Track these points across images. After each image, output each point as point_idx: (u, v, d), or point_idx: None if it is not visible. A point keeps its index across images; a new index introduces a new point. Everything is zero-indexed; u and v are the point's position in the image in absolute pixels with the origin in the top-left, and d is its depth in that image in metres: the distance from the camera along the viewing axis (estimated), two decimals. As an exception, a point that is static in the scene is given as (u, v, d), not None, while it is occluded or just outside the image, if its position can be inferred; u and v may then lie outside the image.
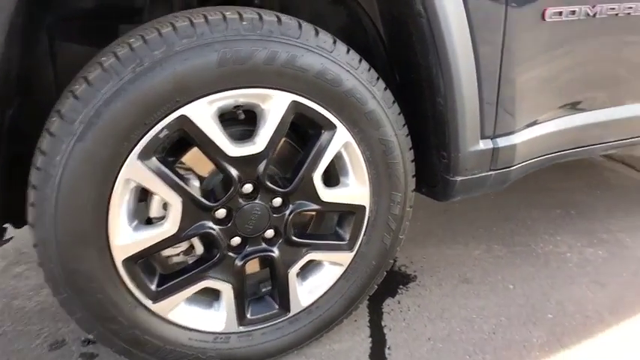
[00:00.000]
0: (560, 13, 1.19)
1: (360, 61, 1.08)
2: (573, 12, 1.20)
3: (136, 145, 0.93)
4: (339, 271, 1.24)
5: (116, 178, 0.94)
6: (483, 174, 1.32)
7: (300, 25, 1.00)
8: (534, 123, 1.35)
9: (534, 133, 1.36)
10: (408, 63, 1.23)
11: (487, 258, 1.75)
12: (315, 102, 1.05)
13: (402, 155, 1.18)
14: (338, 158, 1.14)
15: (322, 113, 1.06)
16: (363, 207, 1.19)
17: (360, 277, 1.27)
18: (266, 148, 1.03)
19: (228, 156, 1.00)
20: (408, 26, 1.14)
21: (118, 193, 0.95)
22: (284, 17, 0.99)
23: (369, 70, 1.10)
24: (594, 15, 1.23)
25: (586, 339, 1.37)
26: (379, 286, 1.34)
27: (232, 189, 1.04)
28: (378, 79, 1.12)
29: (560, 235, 1.90)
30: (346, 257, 1.23)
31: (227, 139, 1.00)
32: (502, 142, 1.29)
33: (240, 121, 1.10)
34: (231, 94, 0.98)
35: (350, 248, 1.22)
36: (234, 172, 1.03)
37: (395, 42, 1.26)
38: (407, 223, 1.29)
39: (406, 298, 1.53)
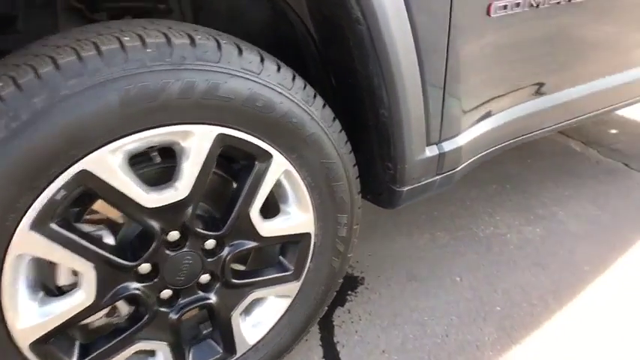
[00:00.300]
0: (505, 7, 1.09)
1: (294, 78, 0.93)
2: (518, 4, 1.11)
3: (24, 215, 0.74)
4: (286, 302, 1.14)
5: (4, 257, 0.75)
6: (429, 180, 1.25)
7: (219, 45, 0.83)
8: (479, 120, 1.28)
9: (479, 131, 1.30)
10: (344, 68, 1.10)
11: (432, 248, 1.72)
12: (246, 132, 0.90)
13: (347, 175, 1.07)
14: (277, 186, 1.01)
15: (255, 143, 0.92)
16: (308, 234, 1.08)
17: (309, 304, 1.17)
18: (191, 192, 0.87)
19: (145, 208, 0.84)
20: (343, 30, 1.00)
21: (9, 273, 0.77)
22: (198, 37, 0.81)
23: (305, 87, 0.96)
24: (537, 5, 1.15)
25: (534, 330, 1.39)
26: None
27: (155, 242, 0.89)
28: (315, 96, 0.98)
29: (499, 214, 1.91)
30: (293, 287, 1.13)
31: (142, 188, 0.83)
32: (448, 145, 1.22)
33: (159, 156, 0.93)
34: (142, 136, 0.80)
35: (296, 278, 1.12)
36: (155, 224, 0.87)
37: (328, 44, 1.11)
38: (355, 241, 1.20)
39: (356, 305, 1.47)
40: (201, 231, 0.94)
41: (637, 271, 1.61)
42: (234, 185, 0.99)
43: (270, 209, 1.06)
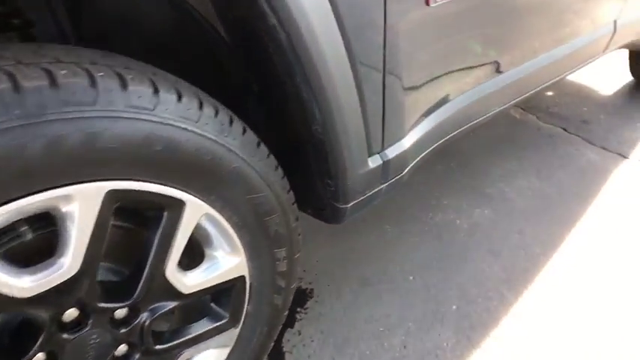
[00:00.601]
0: (445, -7, 0.95)
1: (202, 106, 0.75)
2: (458, -13, 0.97)
3: None
4: (225, 352, 0.99)
5: None
6: (375, 190, 1.12)
7: (93, 82, 0.63)
8: (425, 116, 1.16)
9: (426, 128, 1.17)
10: (267, 76, 0.92)
11: (382, 245, 1.62)
12: (146, 181, 0.71)
13: (280, 205, 0.91)
14: (197, 229, 0.84)
15: (160, 192, 0.74)
16: (242, 277, 0.93)
17: (253, 347, 1.04)
18: (83, 266, 0.69)
19: (19, 299, 0.65)
20: (260, 35, 0.82)
21: None
22: (62, 73, 0.61)
23: (217, 114, 0.77)
24: (480, -14, 1.01)
25: (492, 329, 1.33)
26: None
27: (46, 330, 0.70)
28: (232, 122, 0.80)
29: (447, 197, 1.84)
30: (231, 335, 0.98)
31: (9, 274, 0.63)
32: (392, 152, 1.08)
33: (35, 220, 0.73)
34: (2, 212, 0.60)
35: (234, 325, 0.97)
36: (40, 312, 0.68)
37: (245, 50, 0.93)
38: (298, 269, 1.06)
39: (307, 324, 1.35)
40: (106, 305, 0.76)
41: (585, 249, 1.59)
42: (146, 234, 0.82)
43: (194, 253, 0.89)
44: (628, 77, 2.87)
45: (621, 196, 1.84)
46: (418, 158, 1.23)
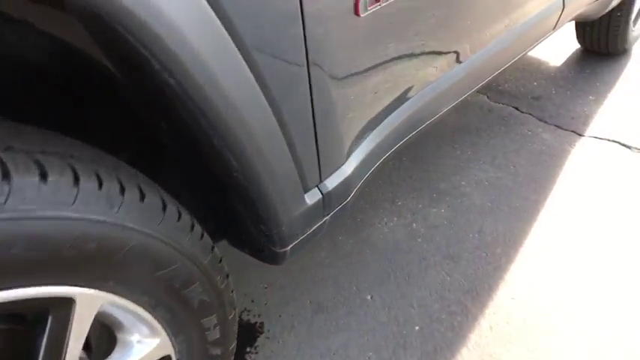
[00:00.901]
0: (377, 0, 0.80)
1: (78, 181, 0.59)
2: (391, -8, 0.82)
3: None
4: None
5: None
6: (317, 225, 0.99)
7: None
8: (363, 138, 1.02)
9: (370, 145, 1.05)
10: (171, 118, 0.76)
11: (335, 261, 1.50)
12: (10, 288, 0.56)
13: (202, 270, 0.77)
14: (102, 316, 0.69)
15: (34, 296, 0.58)
16: (167, 356, 0.79)
17: (192, 423, 0.91)
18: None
19: None
20: (151, 77, 0.65)
21: None
22: None
23: (101, 186, 0.61)
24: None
25: (459, 349, 1.25)
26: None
27: None
28: (123, 191, 0.64)
29: (401, 197, 1.73)
30: (163, 418, 0.85)
31: None
32: (332, 182, 0.95)
33: None
34: None
35: (165, 406, 0.84)
36: None
37: (140, 89, 0.76)
38: (235, 329, 0.93)
39: (258, 365, 1.23)
40: None
41: (546, 243, 1.53)
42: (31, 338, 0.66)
43: (109, 337, 0.75)
44: (575, 45, 2.82)
45: (577, 177, 1.79)
46: (364, 178, 1.11)
